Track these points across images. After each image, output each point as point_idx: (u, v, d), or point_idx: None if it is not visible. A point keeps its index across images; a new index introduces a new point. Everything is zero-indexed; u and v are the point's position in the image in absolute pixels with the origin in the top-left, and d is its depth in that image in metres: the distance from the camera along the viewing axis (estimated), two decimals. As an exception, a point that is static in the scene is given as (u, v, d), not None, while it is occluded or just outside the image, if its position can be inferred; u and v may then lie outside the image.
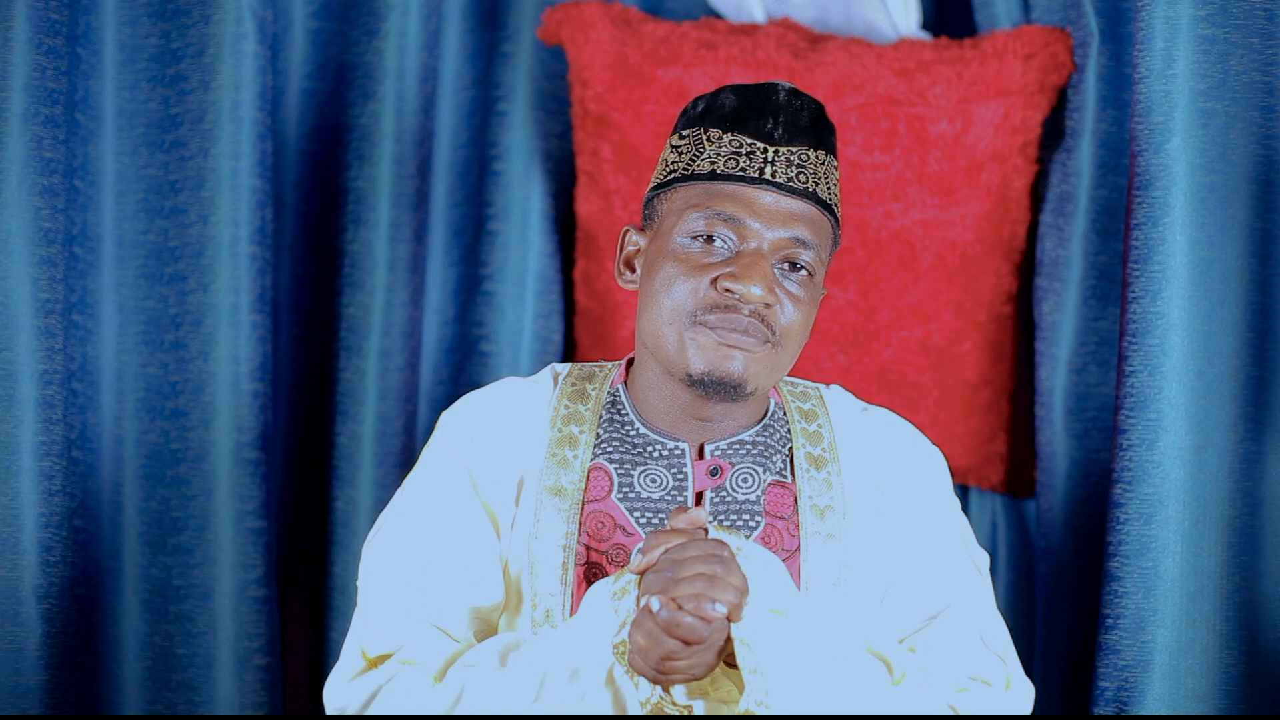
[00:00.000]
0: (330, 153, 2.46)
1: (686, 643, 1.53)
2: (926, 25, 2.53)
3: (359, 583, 1.79)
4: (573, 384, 1.84)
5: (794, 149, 1.75)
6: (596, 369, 1.87)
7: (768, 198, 1.73)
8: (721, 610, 1.52)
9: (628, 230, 1.84)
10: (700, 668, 1.56)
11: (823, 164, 1.77)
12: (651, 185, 1.83)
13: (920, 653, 1.74)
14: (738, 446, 1.79)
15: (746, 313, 1.71)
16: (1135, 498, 2.10)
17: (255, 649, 2.25)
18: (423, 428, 2.49)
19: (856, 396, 1.88)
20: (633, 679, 1.59)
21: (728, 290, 1.71)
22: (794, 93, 1.78)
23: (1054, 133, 2.41)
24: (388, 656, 1.71)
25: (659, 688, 1.59)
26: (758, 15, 2.50)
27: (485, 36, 2.55)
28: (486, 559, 1.77)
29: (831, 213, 1.78)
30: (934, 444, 1.91)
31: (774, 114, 1.75)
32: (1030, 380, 2.50)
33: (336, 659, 2.33)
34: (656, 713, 1.60)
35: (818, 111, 1.79)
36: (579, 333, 2.55)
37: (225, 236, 2.25)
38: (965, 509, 2.57)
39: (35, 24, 2.10)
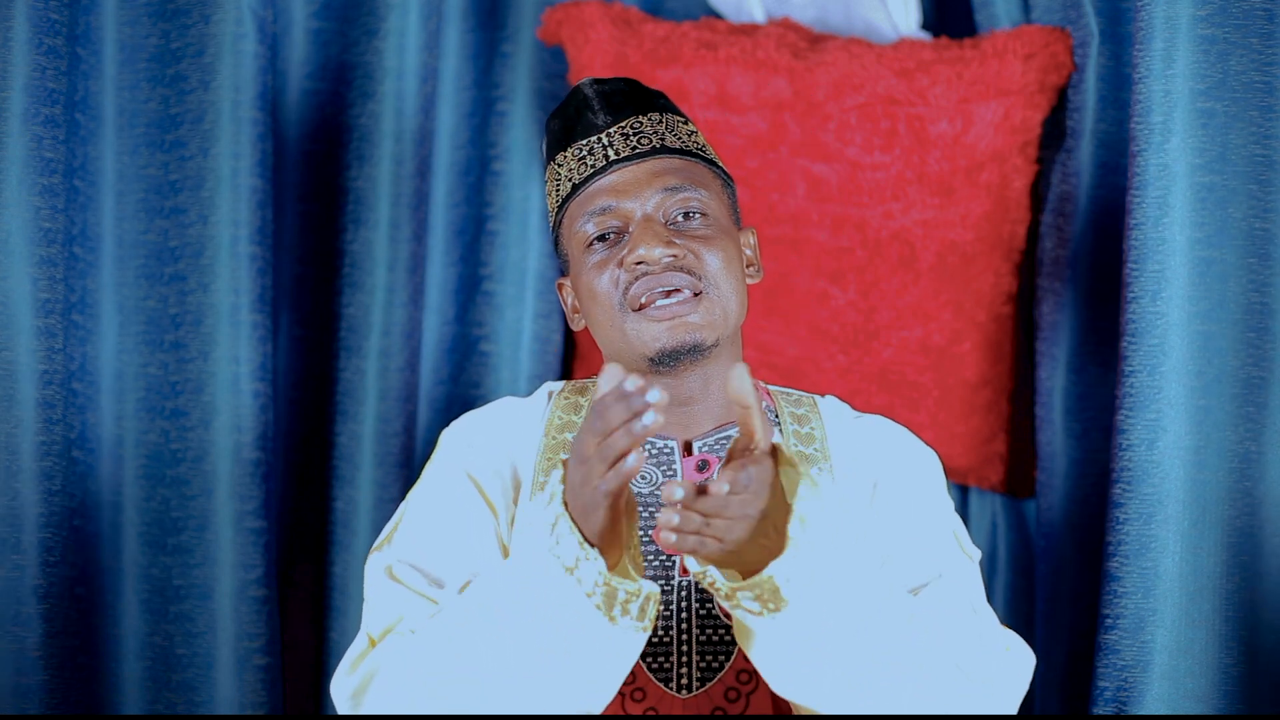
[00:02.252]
0: (330, 153, 2.46)
1: (609, 432, 1.47)
2: (926, 25, 2.53)
3: (366, 583, 1.79)
4: (566, 398, 1.88)
5: (623, 123, 1.83)
6: (590, 384, 1.91)
7: (625, 174, 1.80)
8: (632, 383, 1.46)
9: (562, 284, 1.91)
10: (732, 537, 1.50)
11: (661, 122, 1.84)
12: (552, 238, 1.90)
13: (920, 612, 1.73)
14: (724, 441, 1.81)
15: (662, 270, 1.76)
16: (1135, 498, 2.10)
17: (255, 649, 2.25)
18: (423, 428, 2.50)
19: (856, 396, 1.88)
20: (579, 546, 1.51)
21: (635, 264, 1.76)
22: (597, 80, 1.86)
23: (1054, 133, 2.41)
24: (390, 629, 1.71)
25: (600, 562, 1.51)
26: (758, 15, 2.50)
27: (485, 36, 2.55)
28: (490, 548, 1.78)
29: (696, 156, 1.84)
30: (933, 444, 1.92)
31: (589, 108, 1.84)
32: (1030, 380, 2.50)
33: (336, 659, 2.34)
34: (609, 595, 1.52)
35: (628, 85, 1.86)
36: (578, 333, 2.55)
37: (225, 236, 2.25)
38: (965, 509, 2.57)
39: (35, 24, 2.10)
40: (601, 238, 1.80)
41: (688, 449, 1.82)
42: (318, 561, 2.46)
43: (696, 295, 1.76)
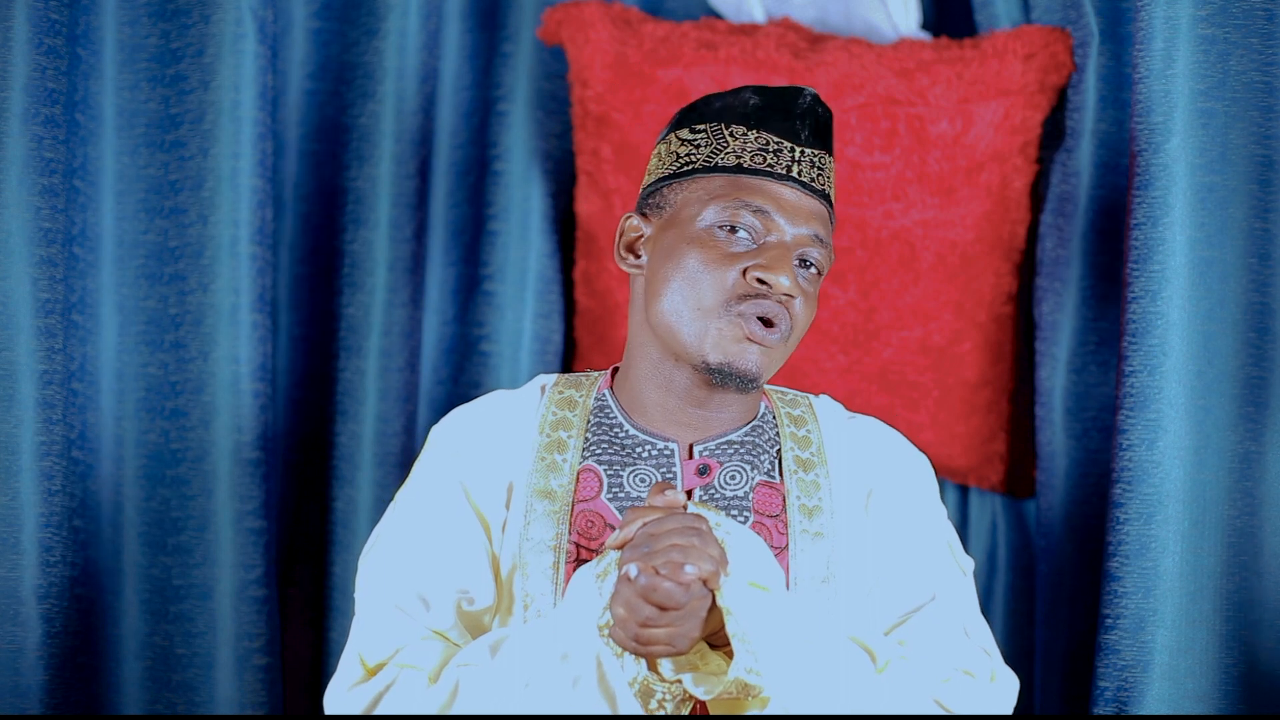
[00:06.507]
0: (330, 153, 2.46)
1: (663, 608, 1.55)
2: (926, 25, 2.53)
3: (356, 594, 1.80)
4: (560, 392, 1.86)
5: (816, 151, 1.82)
6: (583, 378, 1.90)
7: (793, 194, 1.79)
8: (693, 572, 1.54)
9: (628, 217, 1.87)
10: (682, 639, 1.57)
11: (832, 170, 1.85)
12: (659, 176, 1.85)
13: (904, 644, 1.76)
14: (725, 446, 1.81)
15: (774, 301, 1.76)
16: (1135, 498, 2.10)
17: (255, 649, 2.25)
18: (422, 428, 2.49)
19: (856, 396, 1.89)
20: (619, 657, 1.60)
21: (759, 280, 1.75)
22: (818, 98, 1.85)
23: (1054, 133, 2.41)
24: (386, 663, 1.72)
25: (644, 663, 1.60)
26: (758, 15, 2.50)
27: (485, 36, 2.55)
28: (479, 563, 1.78)
29: (832, 220, 1.85)
30: (931, 445, 1.93)
31: (802, 116, 1.82)
32: (1030, 380, 2.50)
33: (336, 659, 2.34)
34: (645, 691, 1.61)
35: (831, 119, 1.86)
36: (579, 333, 2.55)
37: (225, 236, 2.25)
38: (965, 509, 2.58)
39: (35, 24, 2.10)
40: (732, 229, 1.78)
41: (689, 452, 1.82)
42: (317, 561, 2.47)
43: (777, 335, 1.77)
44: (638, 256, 1.85)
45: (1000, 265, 2.44)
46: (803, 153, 1.80)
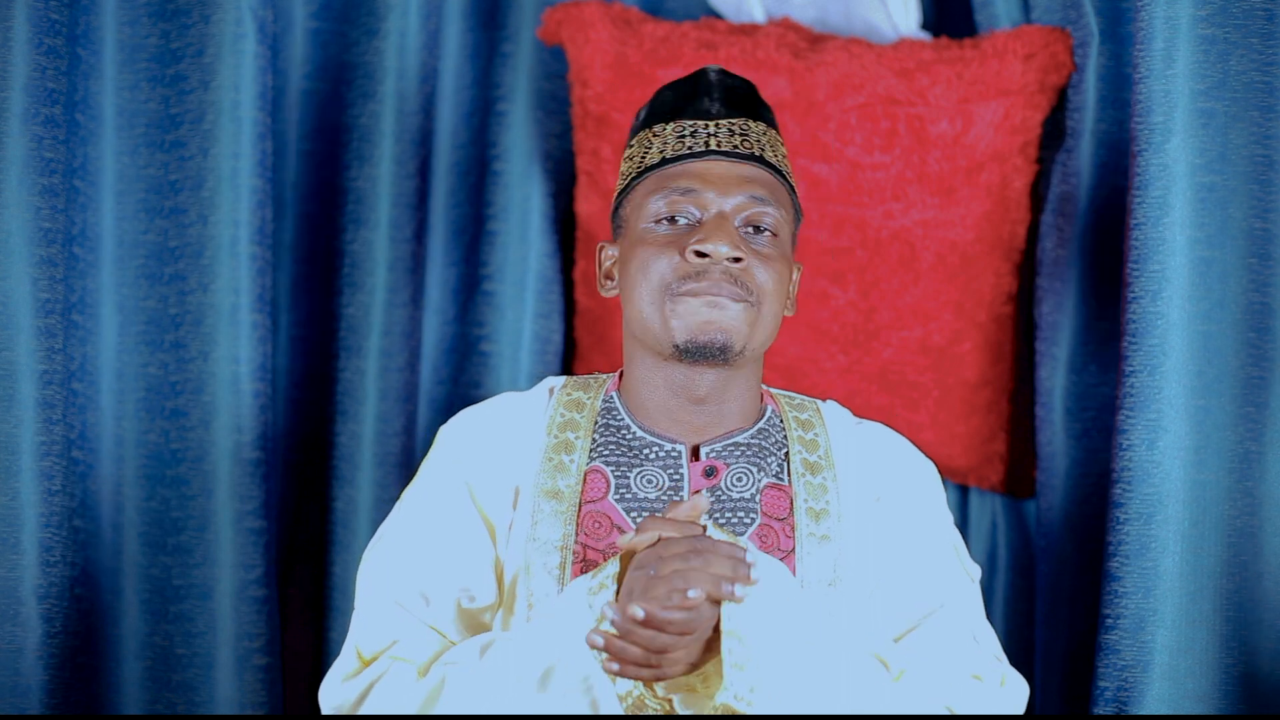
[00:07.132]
0: (330, 153, 2.46)
1: (680, 634, 1.54)
2: (926, 25, 2.53)
3: (358, 589, 1.81)
4: (568, 394, 1.88)
5: (734, 120, 1.83)
6: (591, 380, 1.91)
7: (718, 167, 1.81)
8: (696, 595, 1.53)
9: (603, 246, 1.91)
10: (687, 659, 1.57)
11: (765, 134, 1.85)
12: (615, 199, 1.89)
13: (916, 651, 1.76)
14: (732, 448, 1.82)
15: (718, 274, 1.75)
16: (1135, 498, 2.10)
17: (255, 649, 2.25)
18: (422, 428, 2.50)
19: (856, 396, 1.89)
20: (611, 677, 1.59)
21: (698, 254, 1.76)
22: (724, 72, 1.87)
23: (1054, 133, 2.41)
24: (380, 655, 1.72)
25: (640, 683, 1.60)
26: (758, 15, 2.50)
27: (485, 36, 2.55)
28: (481, 563, 1.79)
29: (785, 179, 1.85)
30: (933, 444, 1.93)
31: (708, 92, 1.84)
32: (1030, 380, 2.50)
33: (336, 659, 2.34)
34: (637, 708, 1.61)
35: (750, 87, 1.88)
36: (579, 333, 2.55)
37: (225, 236, 2.25)
38: (965, 509, 2.58)
39: (35, 24, 2.10)
40: (671, 219, 1.80)
41: (695, 454, 1.82)
42: (317, 561, 2.47)
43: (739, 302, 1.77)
44: (614, 280, 1.89)
45: (1000, 265, 2.44)
46: (718, 125, 1.82)
